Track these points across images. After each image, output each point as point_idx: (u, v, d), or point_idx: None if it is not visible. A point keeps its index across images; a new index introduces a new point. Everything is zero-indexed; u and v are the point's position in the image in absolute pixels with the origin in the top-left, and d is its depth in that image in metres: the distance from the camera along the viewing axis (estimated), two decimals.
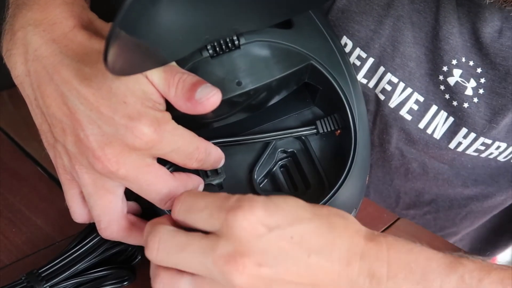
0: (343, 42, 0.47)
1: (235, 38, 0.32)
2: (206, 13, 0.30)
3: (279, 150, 0.37)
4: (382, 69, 0.47)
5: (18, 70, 0.32)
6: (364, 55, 0.47)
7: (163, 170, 0.31)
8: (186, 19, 0.29)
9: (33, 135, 0.52)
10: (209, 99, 0.29)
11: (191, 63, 0.32)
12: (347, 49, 0.47)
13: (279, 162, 0.37)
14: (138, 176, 0.30)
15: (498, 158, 0.48)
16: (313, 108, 0.39)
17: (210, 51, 0.32)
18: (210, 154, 0.32)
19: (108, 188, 0.31)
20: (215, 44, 0.32)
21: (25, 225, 0.41)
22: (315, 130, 0.37)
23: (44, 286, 0.33)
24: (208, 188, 0.35)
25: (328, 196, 0.34)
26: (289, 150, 0.38)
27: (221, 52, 0.32)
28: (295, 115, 0.39)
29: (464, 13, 0.43)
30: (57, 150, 0.32)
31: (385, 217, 0.46)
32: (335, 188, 0.34)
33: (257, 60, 0.33)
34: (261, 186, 0.36)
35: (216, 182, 0.35)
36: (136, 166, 0.30)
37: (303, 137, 0.37)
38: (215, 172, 0.35)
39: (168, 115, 0.30)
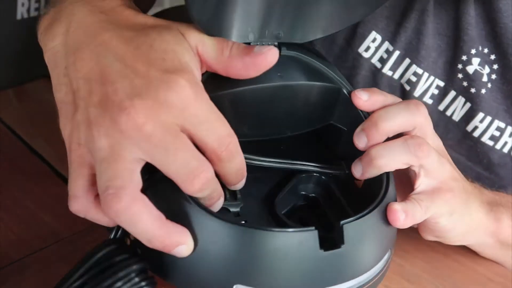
0: (372, 37, 0.50)
1: (276, 43, 0.34)
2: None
3: (302, 185, 0.36)
4: (407, 61, 0.50)
5: (55, 42, 0.31)
6: (391, 48, 0.50)
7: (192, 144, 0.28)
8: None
9: (39, 133, 0.53)
10: (269, 50, 0.29)
11: None
12: (376, 44, 0.50)
13: (302, 194, 0.36)
14: (166, 138, 0.26)
15: None
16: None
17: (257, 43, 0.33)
18: (238, 153, 0.29)
19: (125, 156, 0.27)
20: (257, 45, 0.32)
21: (33, 221, 0.42)
22: (342, 171, 0.36)
23: None
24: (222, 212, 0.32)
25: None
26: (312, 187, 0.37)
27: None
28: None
29: (480, 4, 0.46)
30: (75, 122, 0.28)
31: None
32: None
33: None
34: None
35: (233, 210, 0.32)
36: (165, 127, 0.26)
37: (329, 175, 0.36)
38: (234, 196, 0.33)
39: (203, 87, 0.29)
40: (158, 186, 0.29)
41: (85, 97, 0.28)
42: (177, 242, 0.27)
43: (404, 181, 0.36)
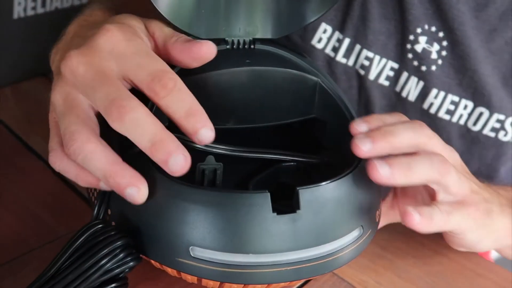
0: (322, 28, 0.53)
1: (250, 39, 0.37)
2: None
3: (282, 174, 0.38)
4: (358, 46, 0.52)
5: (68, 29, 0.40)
6: (341, 36, 0.52)
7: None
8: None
9: (36, 130, 0.53)
10: (206, 42, 0.32)
11: None
12: (327, 34, 0.53)
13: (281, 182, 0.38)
14: (95, 77, 0.29)
15: (468, 125, 0.52)
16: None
17: (227, 45, 0.36)
18: (181, 90, 0.29)
19: (75, 104, 0.30)
20: (235, 41, 0.36)
21: (31, 219, 0.42)
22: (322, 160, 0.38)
23: None
24: None
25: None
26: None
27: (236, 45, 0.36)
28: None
29: None
30: (58, 77, 0.32)
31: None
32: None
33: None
34: None
35: None
36: (95, 68, 0.30)
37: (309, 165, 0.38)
38: (213, 183, 0.35)
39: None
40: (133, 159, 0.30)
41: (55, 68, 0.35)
42: (129, 182, 0.28)
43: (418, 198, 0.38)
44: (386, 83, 0.53)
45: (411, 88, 0.52)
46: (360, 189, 0.32)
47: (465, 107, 0.51)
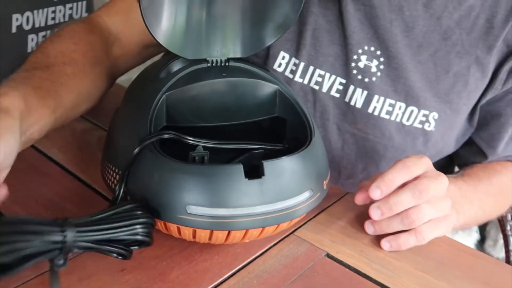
0: (281, 56, 0.65)
1: (225, 58, 0.49)
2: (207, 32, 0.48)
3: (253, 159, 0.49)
4: (311, 68, 0.65)
5: None
6: (297, 61, 0.64)
7: None
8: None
9: (53, 143, 0.64)
10: None
11: (192, 68, 0.48)
12: (285, 60, 0.65)
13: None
14: None
15: (403, 121, 0.65)
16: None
17: (208, 63, 0.48)
18: None
19: None
20: (213, 60, 0.48)
21: (58, 210, 0.53)
22: (283, 147, 0.50)
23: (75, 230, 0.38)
24: None
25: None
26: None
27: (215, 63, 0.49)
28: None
29: (362, 15, 0.61)
30: None
31: (337, 192, 0.59)
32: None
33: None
34: None
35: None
36: None
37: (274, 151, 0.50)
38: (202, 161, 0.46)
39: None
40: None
41: None
42: None
43: None
44: (337, 95, 0.65)
45: (358, 97, 0.65)
46: (308, 163, 0.44)
47: (400, 107, 0.64)
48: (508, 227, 0.80)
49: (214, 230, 0.41)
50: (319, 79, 0.65)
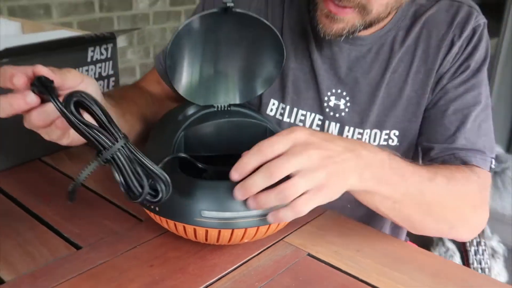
0: (271, 103, 0.82)
1: (227, 104, 0.65)
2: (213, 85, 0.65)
3: None
4: (295, 109, 0.81)
5: None
6: (284, 106, 0.81)
7: None
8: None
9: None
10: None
11: (203, 112, 0.64)
12: (275, 106, 0.82)
13: None
14: None
15: (370, 142, 0.80)
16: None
17: (215, 108, 0.64)
18: None
19: None
20: (219, 106, 0.64)
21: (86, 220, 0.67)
22: None
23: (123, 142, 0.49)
24: None
25: None
26: None
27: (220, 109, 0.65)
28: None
29: (328, 66, 0.78)
30: None
31: (319, 209, 0.73)
32: None
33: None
34: None
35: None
36: None
37: None
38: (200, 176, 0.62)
39: None
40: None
41: None
42: None
43: None
44: (317, 128, 0.81)
45: (333, 129, 0.81)
46: None
47: (367, 133, 0.80)
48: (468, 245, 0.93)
49: (221, 230, 0.55)
50: (302, 117, 0.81)
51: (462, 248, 0.93)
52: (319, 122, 0.82)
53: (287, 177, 0.52)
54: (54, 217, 0.69)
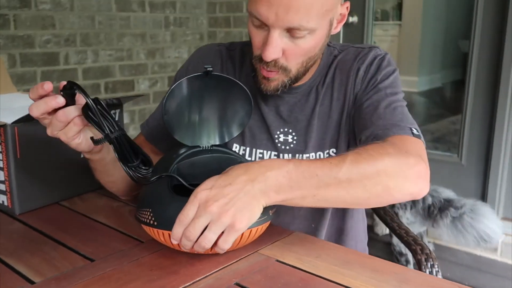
0: (234, 146, 1.01)
1: (210, 145, 0.82)
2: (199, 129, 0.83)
3: None
4: (254, 150, 0.99)
5: None
6: (244, 147, 1.00)
7: None
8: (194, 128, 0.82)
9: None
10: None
11: (191, 150, 0.82)
12: (237, 149, 1.01)
13: None
14: None
15: None
16: None
17: (202, 147, 0.82)
18: None
19: None
20: (204, 146, 0.82)
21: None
22: None
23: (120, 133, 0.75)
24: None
25: None
26: None
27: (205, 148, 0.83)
28: None
29: (273, 111, 0.99)
30: None
31: (287, 231, 0.90)
32: None
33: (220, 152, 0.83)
34: None
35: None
36: None
37: None
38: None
39: None
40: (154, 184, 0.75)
41: None
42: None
43: None
44: None
45: None
46: None
47: (313, 156, 0.98)
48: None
49: None
50: (260, 155, 1.00)
51: (418, 268, 1.07)
52: (275, 157, 1.00)
53: None
54: (72, 241, 0.85)
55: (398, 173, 0.75)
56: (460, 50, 3.98)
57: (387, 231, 2.37)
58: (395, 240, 2.08)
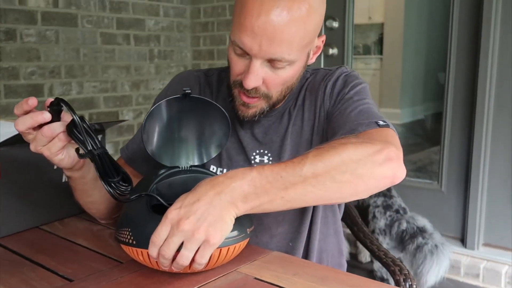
0: (212, 167, 1.03)
1: (189, 165, 0.84)
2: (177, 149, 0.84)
3: None
4: (231, 170, 0.99)
5: None
6: (221, 169, 1.02)
7: None
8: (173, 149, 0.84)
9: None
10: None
11: (171, 171, 0.83)
12: (215, 170, 1.03)
13: None
14: None
15: None
16: None
17: (181, 168, 0.84)
18: None
19: None
20: (183, 166, 0.84)
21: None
22: None
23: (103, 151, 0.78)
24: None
25: None
26: None
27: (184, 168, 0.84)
28: None
29: (248, 133, 1.02)
30: None
31: (266, 251, 0.91)
32: None
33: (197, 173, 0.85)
34: None
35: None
36: None
37: None
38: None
39: None
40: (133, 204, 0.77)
41: None
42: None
43: None
44: None
45: None
46: (239, 218, 0.78)
47: None
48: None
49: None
50: None
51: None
52: None
53: None
54: (51, 262, 0.85)
55: (365, 158, 0.75)
56: (440, 83, 4.09)
57: (370, 258, 2.38)
58: (376, 265, 2.09)
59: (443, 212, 2.39)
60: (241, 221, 0.77)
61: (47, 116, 0.75)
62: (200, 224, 0.68)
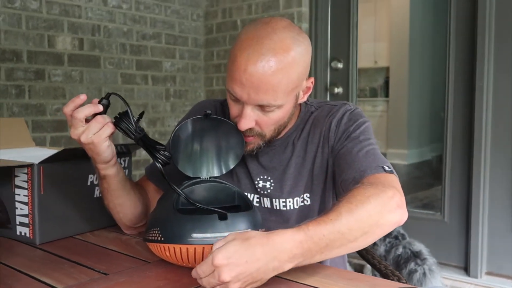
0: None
1: (209, 176, 0.98)
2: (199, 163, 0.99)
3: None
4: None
5: None
6: None
7: None
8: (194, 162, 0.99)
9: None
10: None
11: (193, 180, 0.97)
12: None
13: None
14: None
15: (295, 207, 1.12)
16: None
17: (203, 178, 0.98)
18: None
19: None
20: (204, 177, 0.97)
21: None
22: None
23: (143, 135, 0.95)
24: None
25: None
26: None
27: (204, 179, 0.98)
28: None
29: (254, 160, 1.14)
30: None
31: None
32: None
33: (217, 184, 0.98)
34: None
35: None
36: None
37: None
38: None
39: None
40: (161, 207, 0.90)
41: None
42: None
43: None
44: (257, 204, 1.13)
45: (267, 203, 1.12)
46: (248, 217, 0.90)
47: (290, 201, 1.11)
48: None
49: (204, 246, 0.85)
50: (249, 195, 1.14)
51: None
52: (257, 199, 1.14)
53: None
54: (87, 261, 0.98)
55: (383, 209, 0.86)
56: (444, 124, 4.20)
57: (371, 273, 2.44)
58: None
59: (446, 241, 2.48)
60: (253, 221, 0.90)
61: (100, 107, 0.95)
62: (241, 285, 0.76)
